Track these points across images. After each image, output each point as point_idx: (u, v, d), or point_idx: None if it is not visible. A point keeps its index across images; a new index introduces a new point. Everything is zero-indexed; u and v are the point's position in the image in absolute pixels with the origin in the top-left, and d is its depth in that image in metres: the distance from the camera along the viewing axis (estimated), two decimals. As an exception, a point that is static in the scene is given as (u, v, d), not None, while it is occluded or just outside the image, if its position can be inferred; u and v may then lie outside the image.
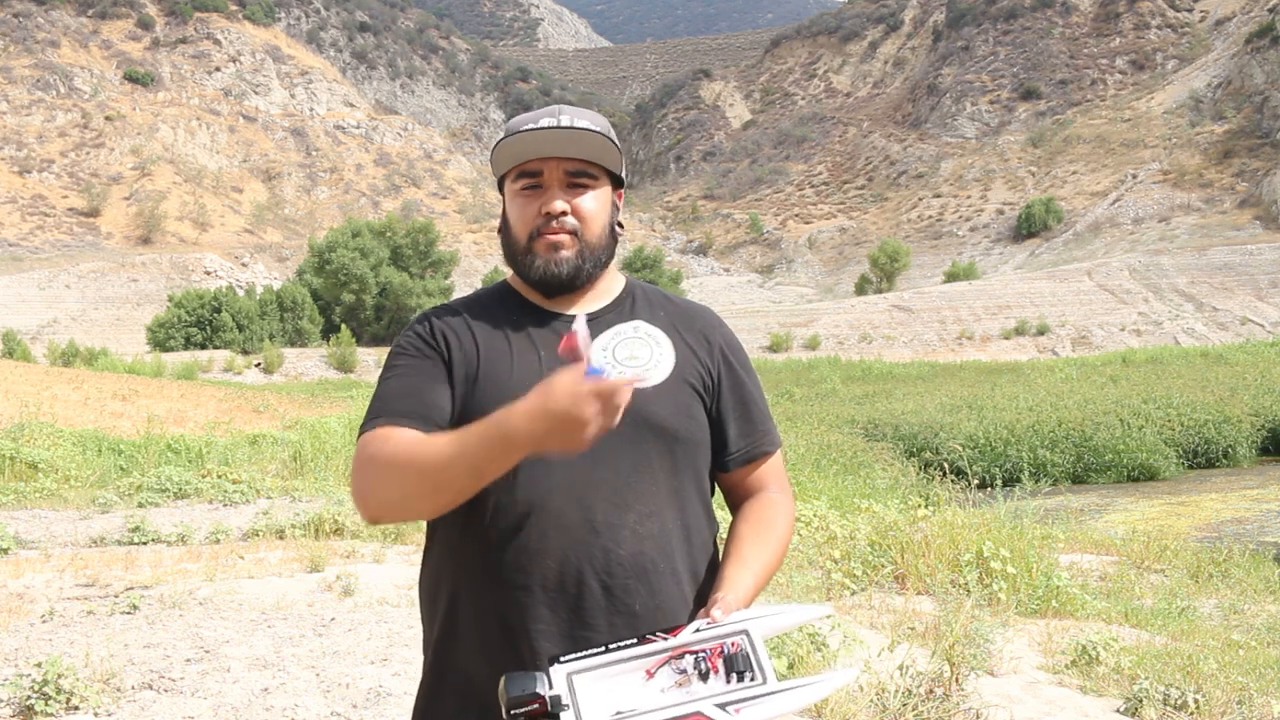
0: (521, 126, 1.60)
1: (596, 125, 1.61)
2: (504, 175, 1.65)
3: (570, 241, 1.59)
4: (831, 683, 1.33)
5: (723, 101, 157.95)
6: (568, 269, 1.60)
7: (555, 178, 1.60)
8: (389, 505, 1.47)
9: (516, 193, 1.62)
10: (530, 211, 1.60)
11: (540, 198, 1.60)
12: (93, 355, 47.93)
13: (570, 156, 1.60)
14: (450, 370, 1.57)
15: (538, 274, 1.61)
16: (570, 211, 1.60)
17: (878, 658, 4.15)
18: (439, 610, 1.57)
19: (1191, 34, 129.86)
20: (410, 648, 4.72)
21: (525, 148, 1.59)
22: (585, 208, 1.61)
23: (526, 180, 1.61)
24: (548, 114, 1.61)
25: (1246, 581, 7.58)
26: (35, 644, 4.73)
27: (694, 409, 1.61)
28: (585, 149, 1.60)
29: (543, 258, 1.60)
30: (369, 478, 1.47)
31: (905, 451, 17.53)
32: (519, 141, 1.58)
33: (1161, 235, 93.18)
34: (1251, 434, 20.28)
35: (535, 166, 1.60)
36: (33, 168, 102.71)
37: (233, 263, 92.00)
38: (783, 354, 58.58)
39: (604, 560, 1.50)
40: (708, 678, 1.33)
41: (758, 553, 1.56)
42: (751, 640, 1.36)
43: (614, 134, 1.63)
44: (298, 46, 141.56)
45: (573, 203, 1.60)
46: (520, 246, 1.62)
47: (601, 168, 1.63)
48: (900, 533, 6.45)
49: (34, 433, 13.24)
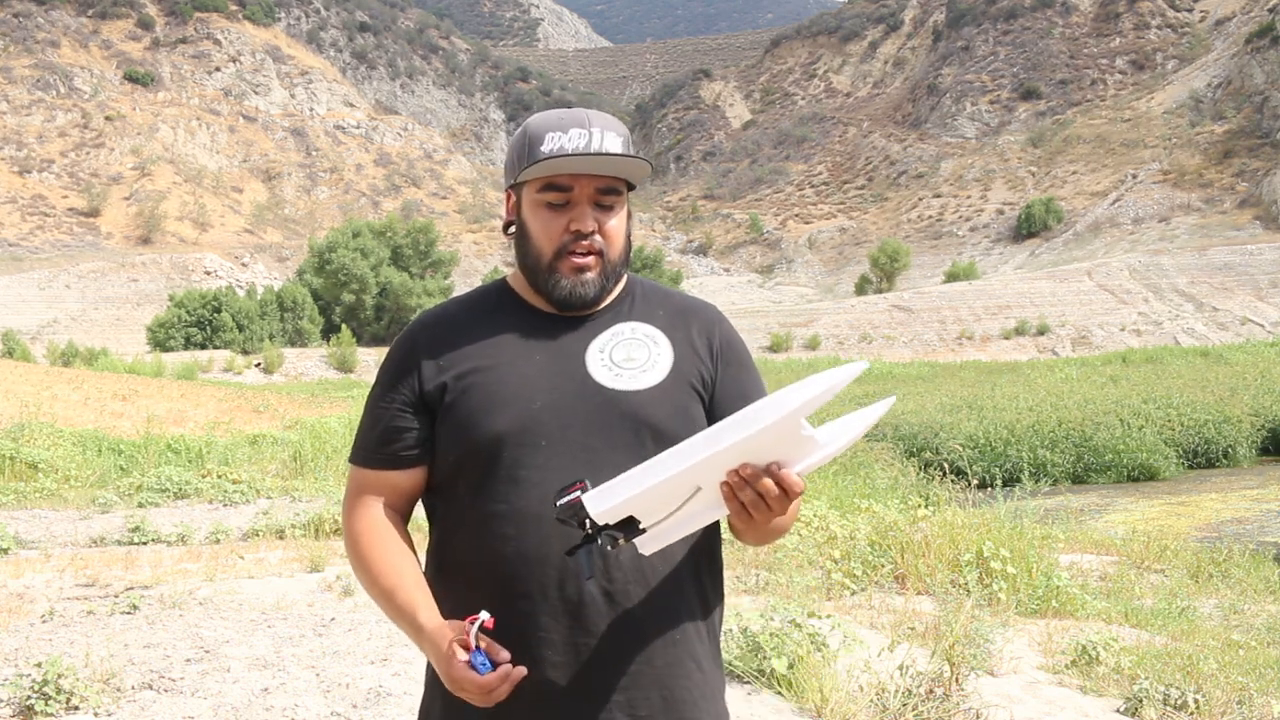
0: (553, 142, 1.55)
1: (629, 145, 1.58)
2: (518, 181, 1.61)
3: (595, 263, 1.58)
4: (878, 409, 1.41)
5: (723, 101, 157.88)
6: (593, 291, 1.59)
7: (585, 195, 1.57)
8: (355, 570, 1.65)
9: (542, 205, 1.58)
10: (557, 228, 1.57)
11: (568, 214, 1.57)
12: (93, 355, 47.91)
13: (605, 175, 1.57)
14: (421, 396, 1.59)
15: (562, 294, 1.59)
16: (597, 231, 1.58)
17: (878, 658, 4.15)
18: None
19: (1191, 34, 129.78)
20: (410, 648, 4.71)
21: (561, 164, 1.54)
22: (611, 228, 1.59)
23: (556, 194, 1.57)
24: (576, 123, 1.57)
25: (1246, 581, 7.57)
26: (35, 644, 4.73)
27: (692, 409, 1.60)
28: (621, 170, 1.58)
29: (569, 280, 1.58)
30: (346, 539, 1.65)
31: (905, 451, 17.50)
32: (563, 162, 1.54)
33: (1161, 235, 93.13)
34: (1251, 434, 20.26)
35: (567, 182, 1.56)
36: (33, 168, 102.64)
37: (233, 263, 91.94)
38: (783, 354, 58.56)
39: (603, 565, 1.50)
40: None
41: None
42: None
43: (638, 147, 1.61)
44: (298, 46, 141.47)
45: (600, 222, 1.58)
46: (544, 263, 1.59)
47: (624, 182, 1.61)
48: (900, 533, 6.45)
49: (34, 433, 13.23)
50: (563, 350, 1.59)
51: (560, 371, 1.57)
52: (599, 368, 1.58)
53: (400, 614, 1.53)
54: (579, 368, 1.58)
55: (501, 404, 1.54)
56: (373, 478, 1.63)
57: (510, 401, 1.55)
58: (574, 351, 1.59)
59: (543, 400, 1.55)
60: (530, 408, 1.54)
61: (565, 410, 1.55)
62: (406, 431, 1.60)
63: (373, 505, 1.62)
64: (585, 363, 1.58)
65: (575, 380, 1.57)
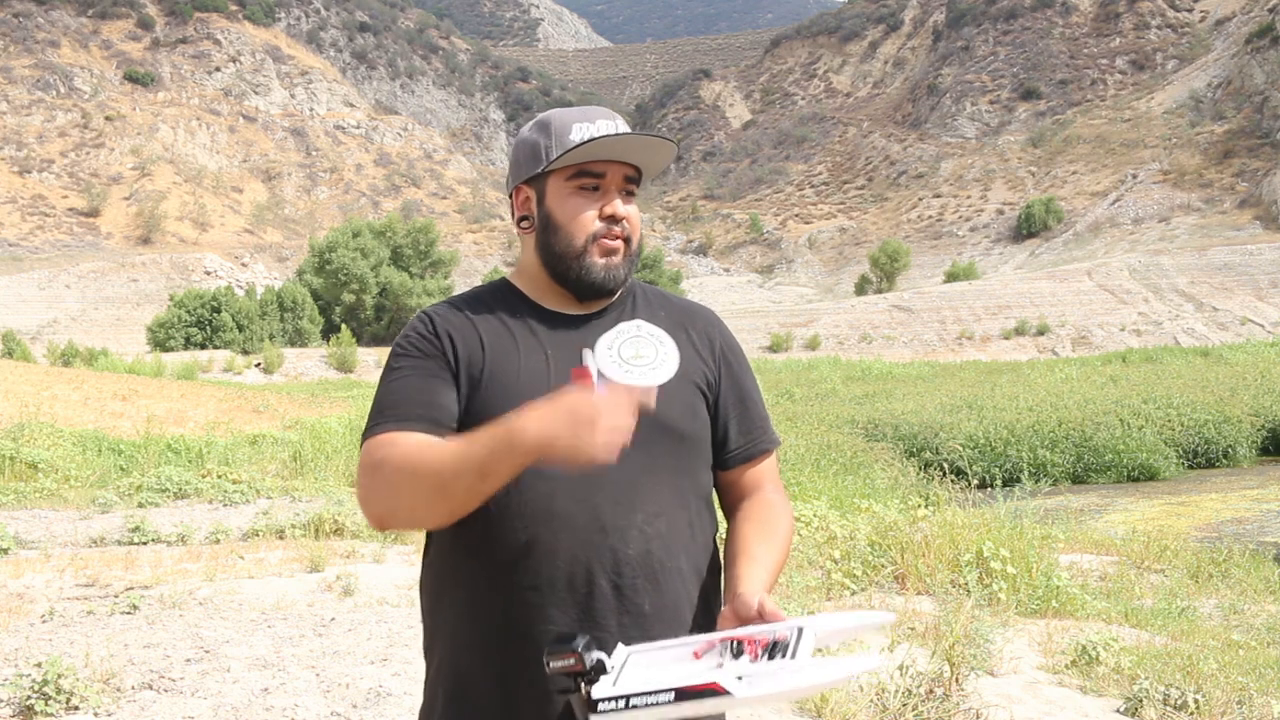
0: (574, 126, 1.57)
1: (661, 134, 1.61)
2: (543, 172, 1.60)
3: (623, 248, 1.59)
4: (851, 666, 1.30)
5: (723, 101, 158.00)
6: (622, 275, 1.60)
7: (615, 182, 1.58)
8: (395, 511, 1.45)
9: (573, 191, 1.59)
10: (590, 214, 1.58)
11: (600, 200, 1.58)
12: (93, 355, 47.91)
13: (633, 163, 1.59)
14: (455, 368, 1.54)
15: (596, 278, 1.58)
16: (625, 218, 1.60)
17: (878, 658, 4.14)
18: (441, 612, 1.56)
19: (1191, 34, 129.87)
20: (410, 648, 4.72)
21: (598, 149, 1.56)
22: (635, 216, 1.61)
23: (588, 179, 1.58)
24: (601, 115, 1.59)
25: (1246, 581, 7.57)
26: (35, 644, 4.73)
27: (699, 408, 1.61)
28: (651, 158, 1.59)
29: (601, 262, 1.58)
30: (375, 483, 1.44)
31: (905, 451, 17.51)
32: (596, 144, 1.54)
33: (1161, 235, 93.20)
34: (1251, 434, 20.25)
35: (601, 168, 1.58)
36: (33, 168, 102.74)
37: (233, 263, 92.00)
38: (783, 354, 58.60)
39: (612, 560, 1.50)
40: (740, 655, 1.35)
41: (766, 550, 1.55)
42: (801, 635, 1.35)
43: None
44: (298, 46, 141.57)
45: (625, 210, 1.60)
46: (575, 248, 1.58)
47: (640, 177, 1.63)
48: (900, 533, 6.45)
49: (34, 433, 13.23)
50: (571, 347, 1.59)
51: (570, 367, 1.57)
52: (608, 363, 1.58)
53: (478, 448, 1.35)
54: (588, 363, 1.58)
55: (514, 398, 1.54)
56: (402, 438, 1.47)
57: (523, 395, 1.54)
58: (582, 347, 1.59)
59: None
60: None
61: None
62: (447, 394, 1.54)
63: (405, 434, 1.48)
64: (595, 358, 1.58)
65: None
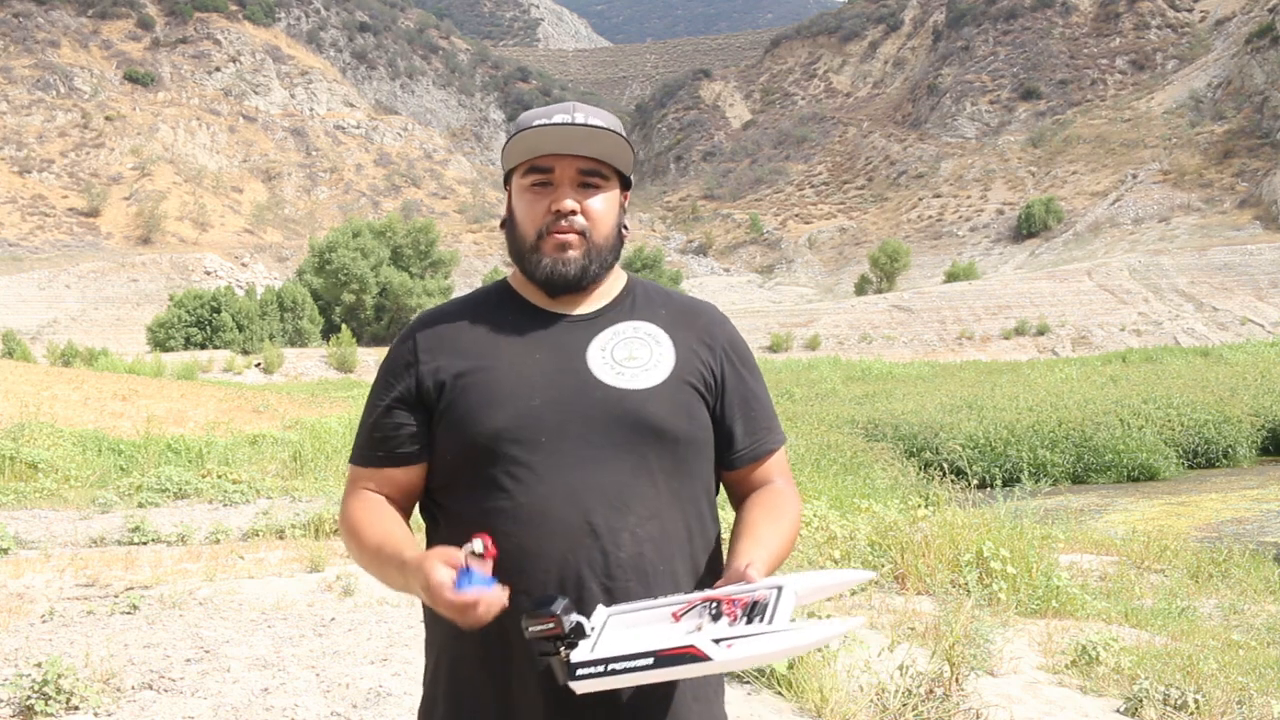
0: (535, 121, 1.58)
1: (611, 124, 1.59)
2: (512, 170, 1.63)
3: (578, 242, 1.58)
4: (828, 629, 1.32)
5: (723, 101, 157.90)
6: (575, 269, 1.59)
7: (567, 176, 1.58)
8: (348, 549, 1.65)
9: (526, 188, 1.60)
10: (539, 209, 1.58)
11: (550, 195, 1.58)
12: (93, 355, 47.85)
13: (584, 155, 1.58)
14: (422, 391, 1.59)
15: (544, 273, 1.59)
16: (580, 211, 1.58)
17: (878, 658, 4.15)
18: (438, 616, 1.57)
19: (1191, 34, 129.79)
20: (410, 648, 4.72)
21: (540, 143, 1.56)
22: (595, 208, 1.59)
23: (537, 176, 1.59)
24: (562, 110, 1.60)
25: (1246, 581, 7.56)
26: (35, 644, 4.72)
27: (694, 409, 1.60)
28: (600, 148, 1.58)
29: (550, 257, 1.58)
30: (340, 520, 1.65)
31: (905, 451, 17.49)
32: (534, 135, 1.56)
33: (1161, 235, 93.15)
34: (1251, 434, 20.24)
35: (548, 163, 1.58)
36: (33, 168, 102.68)
37: (233, 263, 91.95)
38: (783, 354, 58.57)
39: (603, 563, 1.50)
40: (719, 619, 1.35)
41: (771, 532, 1.55)
42: (781, 595, 1.35)
43: (626, 134, 1.61)
44: (298, 46, 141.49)
45: (583, 203, 1.58)
46: (527, 244, 1.60)
47: (612, 168, 1.61)
48: (900, 533, 6.45)
49: (34, 433, 13.22)
50: (564, 348, 1.59)
51: (561, 369, 1.57)
52: (601, 365, 1.57)
53: (389, 560, 1.50)
54: (580, 365, 1.57)
55: (500, 401, 1.54)
56: (370, 475, 1.63)
57: (509, 398, 1.54)
58: (575, 349, 1.59)
59: (542, 397, 1.54)
60: (529, 404, 1.54)
61: (565, 407, 1.54)
62: (403, 428, 1.60)
63: (369, 495, 1.64)
64: (587, 360, 1.58)
65: (576, 377, 1.56)
